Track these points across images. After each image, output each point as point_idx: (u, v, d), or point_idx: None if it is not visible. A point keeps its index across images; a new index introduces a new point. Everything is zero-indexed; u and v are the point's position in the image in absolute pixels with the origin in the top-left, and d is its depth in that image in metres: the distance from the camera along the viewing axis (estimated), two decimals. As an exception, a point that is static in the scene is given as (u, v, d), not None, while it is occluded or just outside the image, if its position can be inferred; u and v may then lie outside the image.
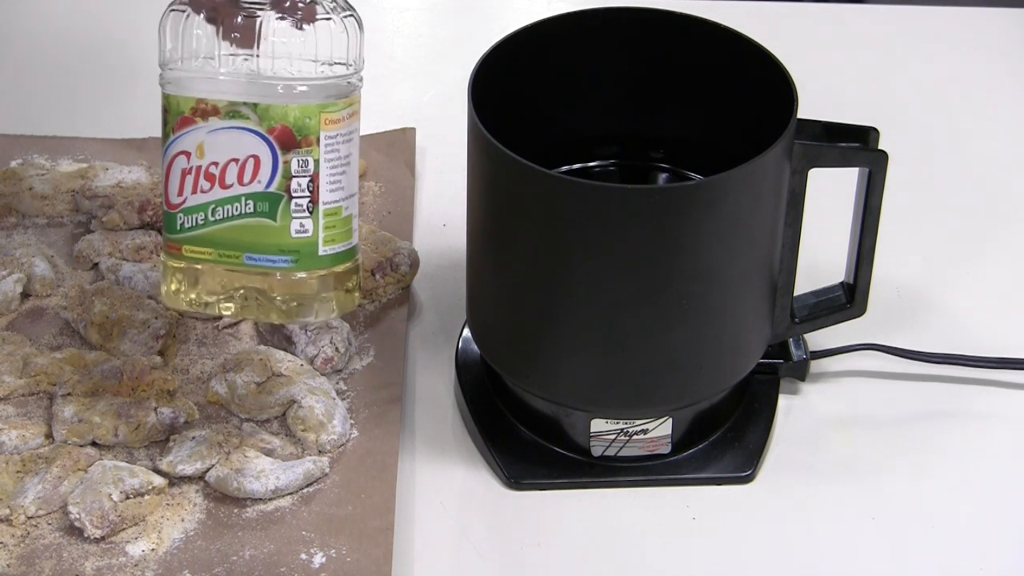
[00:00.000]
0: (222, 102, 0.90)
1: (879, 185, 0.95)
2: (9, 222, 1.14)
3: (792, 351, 1.02)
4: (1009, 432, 1.01)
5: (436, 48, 1.38)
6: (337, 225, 0.92)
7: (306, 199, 0.90)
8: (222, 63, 0.90)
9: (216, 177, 0.91)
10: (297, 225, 0.91)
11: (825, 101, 1.04)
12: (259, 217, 0.91)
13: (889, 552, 0.93)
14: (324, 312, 0.93)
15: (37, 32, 1.37)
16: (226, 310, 0.93)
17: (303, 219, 0.91)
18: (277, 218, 0.90)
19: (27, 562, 0.90)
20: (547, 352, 0.94)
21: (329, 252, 0.92)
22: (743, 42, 0.96)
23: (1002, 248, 1.16)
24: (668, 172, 1.04)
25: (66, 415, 0.97)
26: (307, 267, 0.91)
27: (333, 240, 0.92)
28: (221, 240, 0.91)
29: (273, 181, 0.90)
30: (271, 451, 0.97)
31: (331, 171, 0.91)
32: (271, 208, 0.90)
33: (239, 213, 0.91)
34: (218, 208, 0.91)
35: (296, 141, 0.89)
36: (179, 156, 0.91)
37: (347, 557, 0.90)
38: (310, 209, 0.90)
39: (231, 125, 0.90)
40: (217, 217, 0.91)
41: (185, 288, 0.93)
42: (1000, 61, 1.37)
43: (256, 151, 0.90)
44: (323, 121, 0.90)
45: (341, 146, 0.91)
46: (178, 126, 0.91)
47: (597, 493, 0.97)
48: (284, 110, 0.89)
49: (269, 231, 0.91)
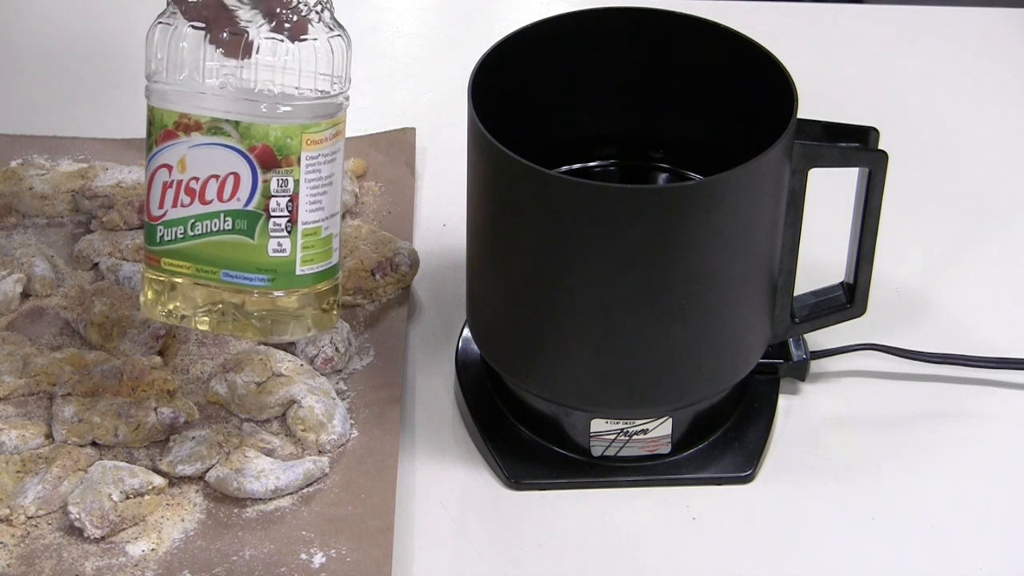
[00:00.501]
0: (205, 118, 0.90)
1: (879, 185, 0.95)
2: (9, 222, 1.14)
3: (792, 351, 1.02)
4: (1009, 432, 1.01)
5: (436, 48, 1.38)
6: (316, 245, 0.91)
7: (284, 219, 0.90)
8: (206, 75, 0.89)
9: (196, 192, 0.91)
10: (275, 244, 0.90)
11: (825, 101, 1.04)
12: (237, 235, 0.90)
13: (889, 552, 0.93)
14: (299, 331, 0.93)
15: (37, 32, 1.37)
16: (202, 324, 0.93)
17: (281, 239, 0.90)
18: (255, 236, 0.90)
19: (27, 562, 0.90)
20: (547, 352, 0.94)
21: (307, 272, 0.91)
22: (743, 42, 0.96)
23: (1002, 248, 1.16)
24: (668, 172, 1.04)
25: (66, 415, 0.97)
26: (284, 286, 0.91)
27: (311, 260, 0.91)
28: (199, 255, 0.91)
29: (252, 200, 0.90)
30: (271, 451, 0.97)
31: (311, 191, 0.90)
32: (249, 226, 0.90)
33: (218, 229, 0.91)
34: (197, 223, 0.91)
35: (276, 161, 0.89)
36: (161, 169, 0.91)
37: (347, 557, 0.90)
38: (288, 229, 0.90)
39: (213, 141, 0.90)
40: (196, 232, 0.91)
41: (164, 299, 0.93)
42: (1000, 61, 1.37)
43: (236, 168, 0.90)
44: (305, 142, 0.89)
45: (323, 167, 0.90)
46: (161, 139, 0.91)
47: (597, 493, 0.97)
48: (266, 129, 0.89)
49: (247, 249, 0.91)
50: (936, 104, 1.31)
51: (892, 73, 1.34)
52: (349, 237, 1.09)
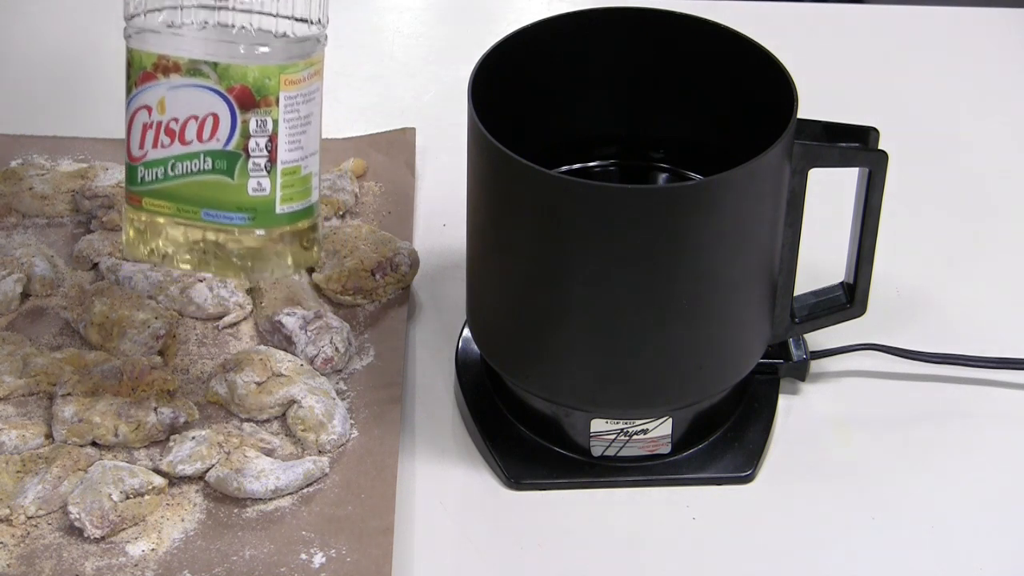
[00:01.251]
0: (183, 59, 0.90)
1: (879, 185, 0.95)
2: (9, 222, 1.14)
3: (792, 351, 1.02)
4: (1009, 432, 1.01)
5: (436, 48, 1.38)
6: (296, 184, 0.92)
7: (264, 158, 0.91)
8: (184, 17, 0.90)
9: (176, 133, 0.91)
10: (255, 183, 0.91)
11: (825, 101, 1.04)
12: (217, 174, 0.91)
13: (889, 552, 0.93)
14: (280, 269, 0.94)
15: (37, 32, 1.37)
16: (184, 263, 0.94)
17: (260, 178, 0.91)
18: (235, 176, 0.91)
19: (27, 562, 0.90)
20: (547, 352, 0.94)
21: (287, 210, 0.92)
22: (743, 42, 0.96)
23: (1002, 248, 1.16)
24: (668, 172, 1.04)
25: (66, 415, 0.97)
26: (264, 225, 0.92)
27: (291, 199, 0.92)
28: (180, 195, 0.92)
29: (231, 140, 0.91)
30: (271, 451, 0.97)
31: (290, 131, 0.91)
32: (229, 166, 0.91)
33: (198, 170, 0.91)
34: (177, 164, 0.92)
35: (255, 101, 0.90)
36: (141, 110, 0.92)
37: (347, 557, 0.90)
38: (268, 168, 0.91)
39: (191, 83, 0.90)
40: (176, 172, 0.92)
41: (146, 238, 0.94)
42: (1000, 61, 1.37)
43: (215, 109, 0.90)
44: (283, 82, 0.90)
45: (301, 106, 0.91)
46: (140, 80, 0.92)
47: (597, 493, 0.97)
48: (244, 70, 0.89)
49: (227, 188, 0.91)
50: (936, 104, 1.31)
51: (892, 73, 1.34)
52: (349, 237, 1.09)
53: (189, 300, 1.06)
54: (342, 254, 1.08)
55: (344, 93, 1.29)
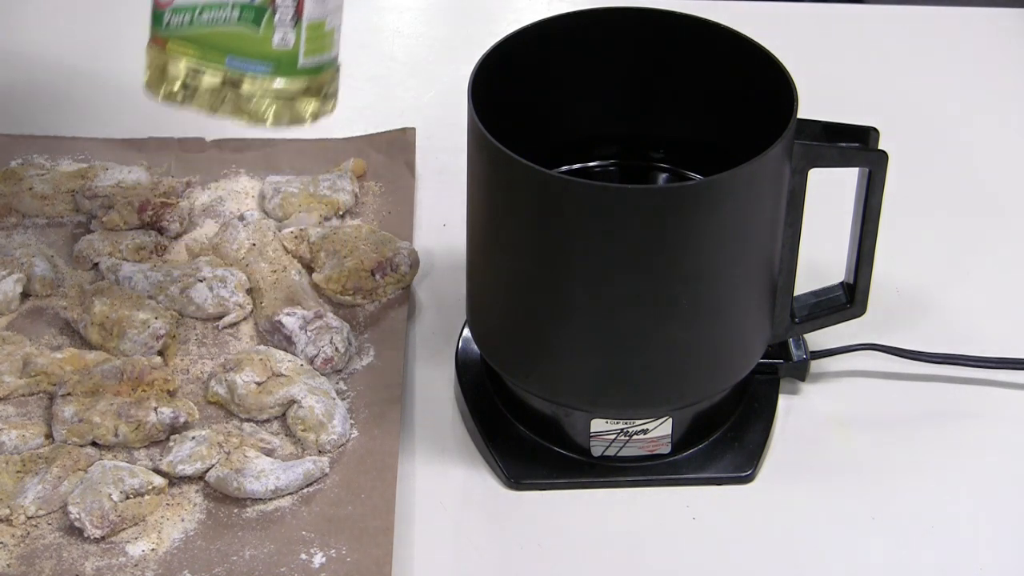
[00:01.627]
0: None
1: (879, 185, 0.95)
2: (9, 222, 1.14)
3: (792, 351, 1.02)
4: (1009, 432, 1.01)
5: (436, 48, 1.38)
6: (319, 38, 0.94)
7: (290, 12, 0.92)
8: None
9: None
10: (280, 36, 0.93)
11: (825, 101, 1.04)
12: (243, 25, 0.93)
13: (889, 552, 0.93)
14: (297, 118, 0.95)
15: (37, 32, 1.37)
16: (201, 104, 0.95)
17: (286, 31, 0.93)
18: (261, 28, 0.93)
19: (27, 562, 0.90)
20: (547, 352, 0.94)
21: (309, 64, 0.94)
22: (743, 42, 0.96)
23: (1002, 248, 1.16)
24: (668, 172, 1.04)
25: (66, 415, 0.97)
26: (286, 75, 0.94)
27: (314, 52, 0.94)
28: (205, 41, 0.94)
29: None
30: (271, 451, 0.97)
31: None
32: (256, 18, 0.92)
33: (225, 19, 0.93)
34: (205, 11, 0.93)
35: None
36: None
37: (347, 557, 0.90)
38: (294, 22, 0.92)
39: None
40: (203, 20, 0.93)
41: (168, 80, 0.95)
42: (1000, 61, 1.37)
43: None
44: None
45: None
46: None
47: (597, 493, 0.97)
48: None
49: (252, 40, 0.93)
50: (936, 104, 1.31)
51: (892, 73, 1.34)
52: (349, 237, 1.09)
53: (189, 300, 1.06)
54: (342, 254, 1.08)
55: (344, 93, 1.28)
